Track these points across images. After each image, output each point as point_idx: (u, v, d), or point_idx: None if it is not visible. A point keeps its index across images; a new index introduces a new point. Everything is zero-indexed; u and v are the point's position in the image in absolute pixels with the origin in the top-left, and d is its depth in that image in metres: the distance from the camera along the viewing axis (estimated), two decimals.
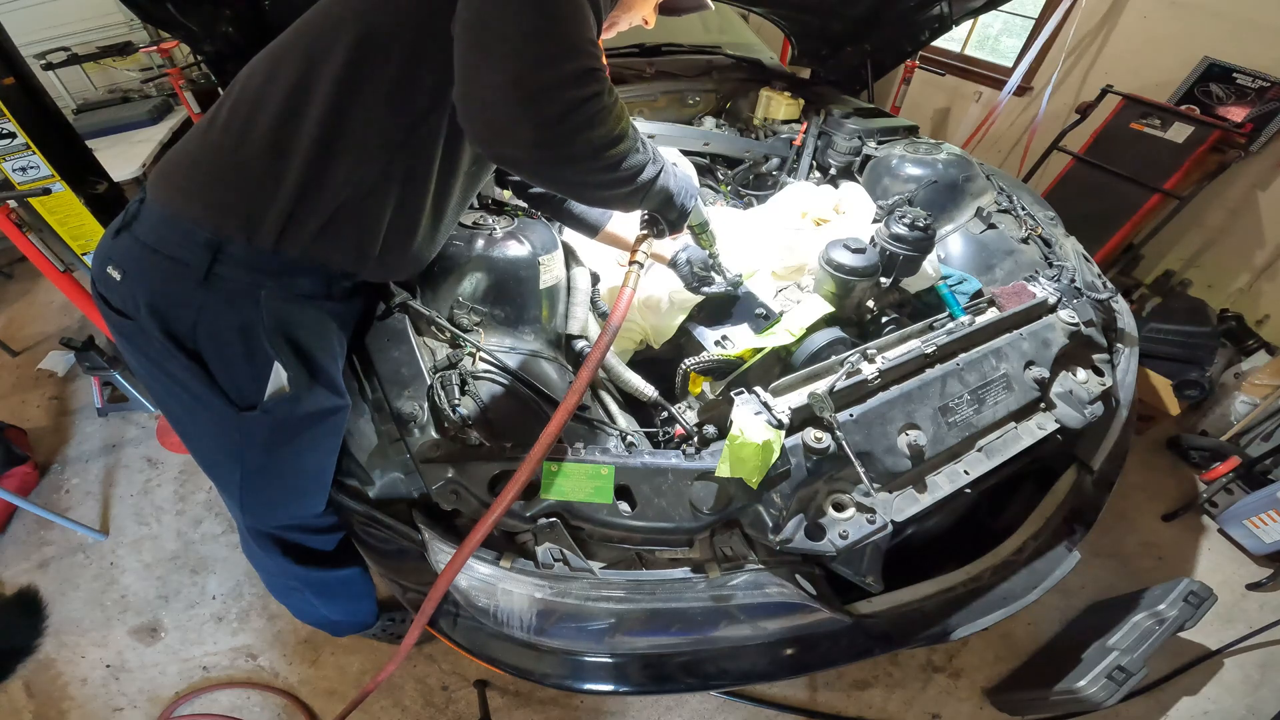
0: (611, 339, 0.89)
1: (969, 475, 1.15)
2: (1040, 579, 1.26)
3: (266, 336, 0.92)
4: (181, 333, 0.90)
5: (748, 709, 1.68)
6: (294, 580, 1.37)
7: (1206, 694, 1.77)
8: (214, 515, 2.08)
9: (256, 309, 0.90)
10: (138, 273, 0.89)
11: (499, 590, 1.02)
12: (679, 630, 1.06)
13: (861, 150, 1.94)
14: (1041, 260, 1.64)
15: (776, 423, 0.99)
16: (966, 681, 1.76)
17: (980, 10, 2.01)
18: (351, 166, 0.86)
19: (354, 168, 0.86)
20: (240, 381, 0.94)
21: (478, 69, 0.71)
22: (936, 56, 3.76)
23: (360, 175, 0.87)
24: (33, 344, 2.82)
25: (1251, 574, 2.05)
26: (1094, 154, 2.91)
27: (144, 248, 0.88)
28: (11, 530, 2.04)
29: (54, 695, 1.65)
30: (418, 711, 1.64)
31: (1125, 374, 1.48)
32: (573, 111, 0.71)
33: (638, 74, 2.02)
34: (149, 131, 3.09)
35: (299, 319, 0.96)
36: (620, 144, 0.80)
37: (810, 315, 1.32)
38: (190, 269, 0.86)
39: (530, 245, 1.23)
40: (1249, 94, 2.62)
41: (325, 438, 1.06)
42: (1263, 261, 2.81)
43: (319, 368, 0.99)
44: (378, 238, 0.94)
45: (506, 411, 1.08)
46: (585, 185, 0.84)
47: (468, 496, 1.02)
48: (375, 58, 0.81)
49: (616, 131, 0.78)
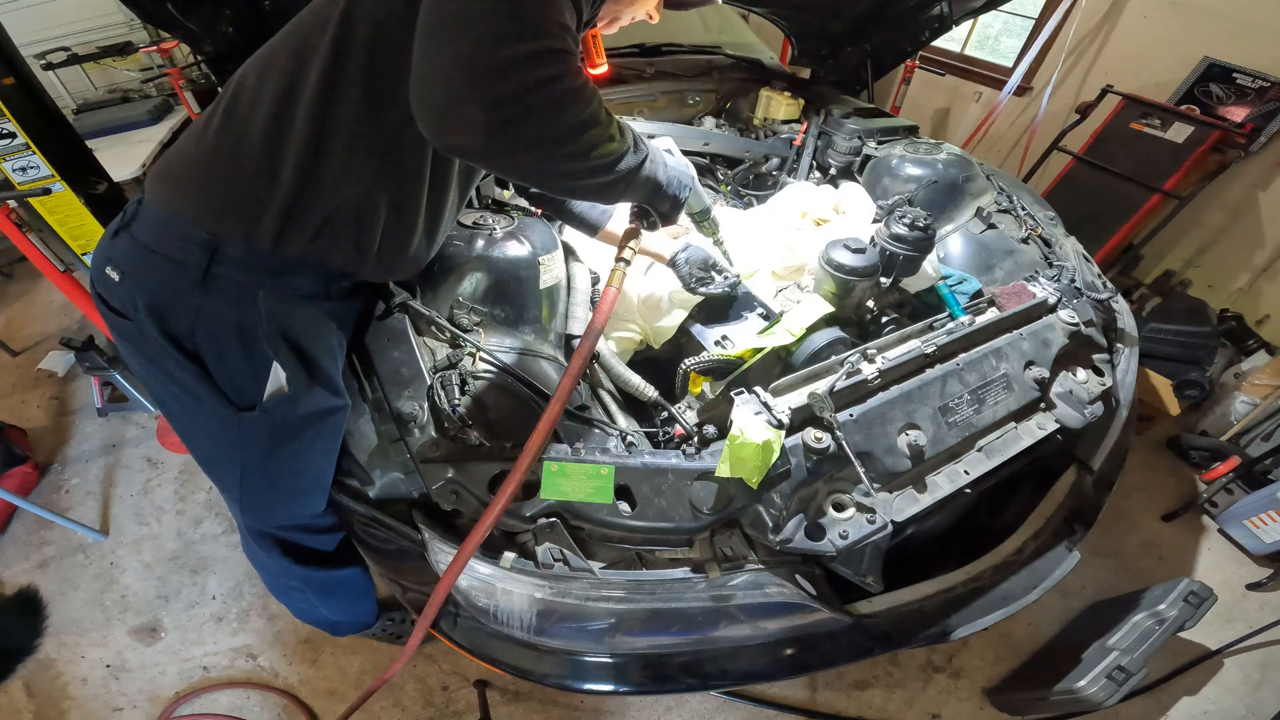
0: (594, 342, 0.88)
1: (969, 475, 1.15)
2: (1040, 579, 1.26)
3: (265, 337, 0.91)
4: (180, 333, 0.90)
5: (748, 709, 1.68)
6: (294, 580, 1.37)
7: (1206, 694, 1.77)
8: (214, 515, 2.08)
9: (255, 309, 0.90)
10: (136, 273, 0.89)
11: (499, 590, 1.02)
12: (679, 630, 1.06)
13: (861, 150, 1.94)
14: (1041, 260, 1.64)
15: (776, 423, 0.99)
16: (966, 681, 1.76)
17: (980, 10, 2.01)
18: (343, 167, 0.86)
19: (346, 168, 0.86)
20: (239, 382, 0.94)
21: (427, 51, 0.67)
22: (936, 56, 3.76)
23: (353, 176, 0.87)
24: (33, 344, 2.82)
25: (1251, 574, 2.05)
26: (1094, 154, 2.91)
27: (142, 248, 0.88)
28: (11, 530, 2.04)
29: (54, 695, 1.65)
30: (418, 711, 1.64)
31: (1125, 374, 1.48)
32: (527, 94, 0.65)
33: (638, 74, 2.02)
34: (149, 131, 3.09)
35: (298, 319, 0.95)
36: (589, 131, 0.74)
37: (810, 315, 1.32)
38: (188, 269, 0.86)
39: (530, 245, 1.23)
40: (1249, 94, 2.62)
41: (325, 438, 1.06)
42: (1263, 261, 2.81)
43: (318, 368, 0.99)
44: (375, 237, 0.94)
45: (507, 411, 1.07)
46: (551, 175, 0.78)
47: (468, 496, 1.02)
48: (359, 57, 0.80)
49: (584, 117, 0.72)
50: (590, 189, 0.85)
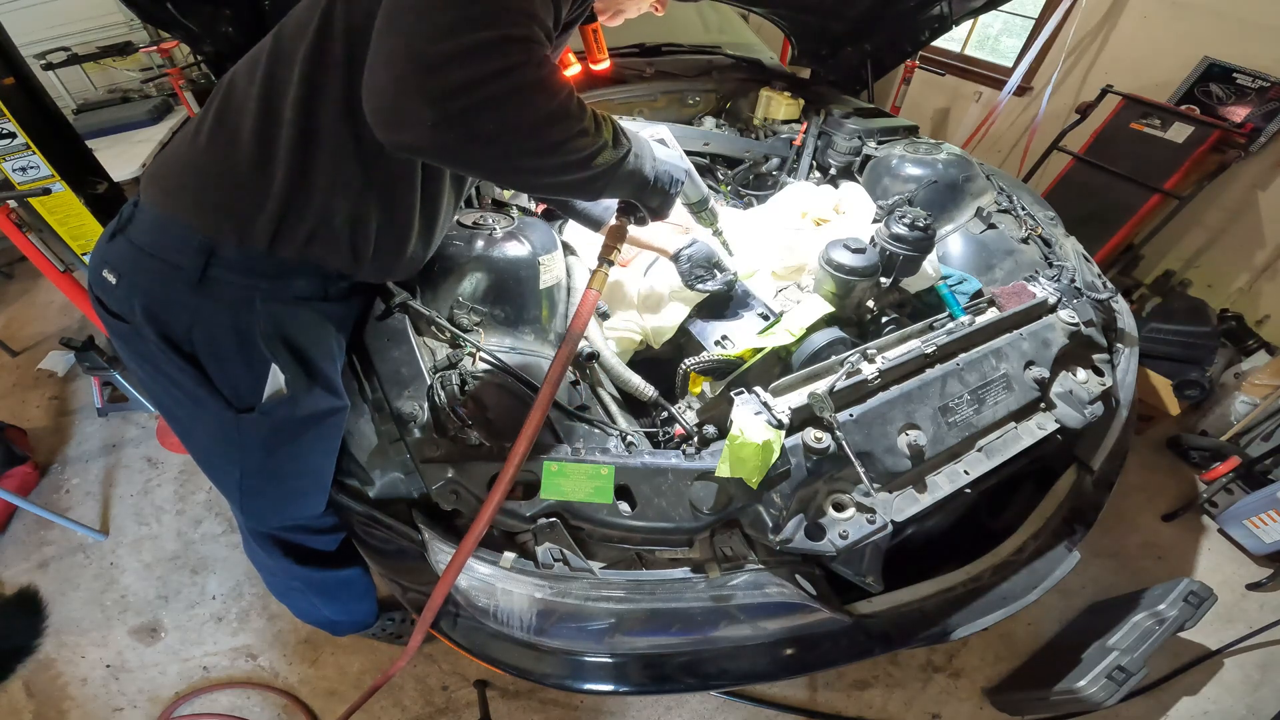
0: (574, 347, 0.87)
1: (969, 475, 1.15)
2: (1040, 579, 1.26)
3: (263, 339, 0.91)
4: (177, 336, 0.89)
5: (748, 709, 1.68)
6: (296, 581, 1.37)
7: (1206, 694, 1.77)
8: (214, 515, 2.08)
9: (252, 312, 0.90)
10: (133, 276, 0.89)
11: (499, 590, 1.02)
12: (679, 630, 1.06)
13: (861, 150, 1.94)
14: (1041, 260, 1.64)
15: (776, 423, 0.99)
16: (966, 681, 1.76)
17: (980, 10, 2.01)
18: (333, 170, 0.85)
19: (335, 171, 0.85)
20: (237, 384, 0.94)
21: (378, 43, 0.63)
22: (936, 56, 3.76)
23: (343, 179, 0.86)
24: (33, 344, 2.82)
25: (1251, 574, 2.05)
26: (1094, 154, 2.91)
27: (139, 251, 0.88)
28: (11, 530, 2.04)
29: (54, 695, 1.65)
30: (418, 711, 1.64)
31: (1125, 374, 1.48)
32: (480, 85, 0.60)
33: (638, 74, 2.02)
34: (149, 131, 3.09)
35: (295, 321, 0.95)
36: (556, 125, 0.68)
37: (810, 315, 1.32)
38: (184, 272, 0.86)
39: (530, 245, 1.23)
40: (1249, 94, 2.62)
41: (324, 439, 1.05)
42: (1263, 261, 2.81)
43: (316, 369, 0.99)
44: (370, 239, 0.93)
45: (506, 411, 1.07)
46: (515, 172, 0.73)
47: (468, 496, 1.02)
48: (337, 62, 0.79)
49: (550, 110, 0.66)
50: (564, 186, 0.81)
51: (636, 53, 2.13)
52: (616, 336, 1.45)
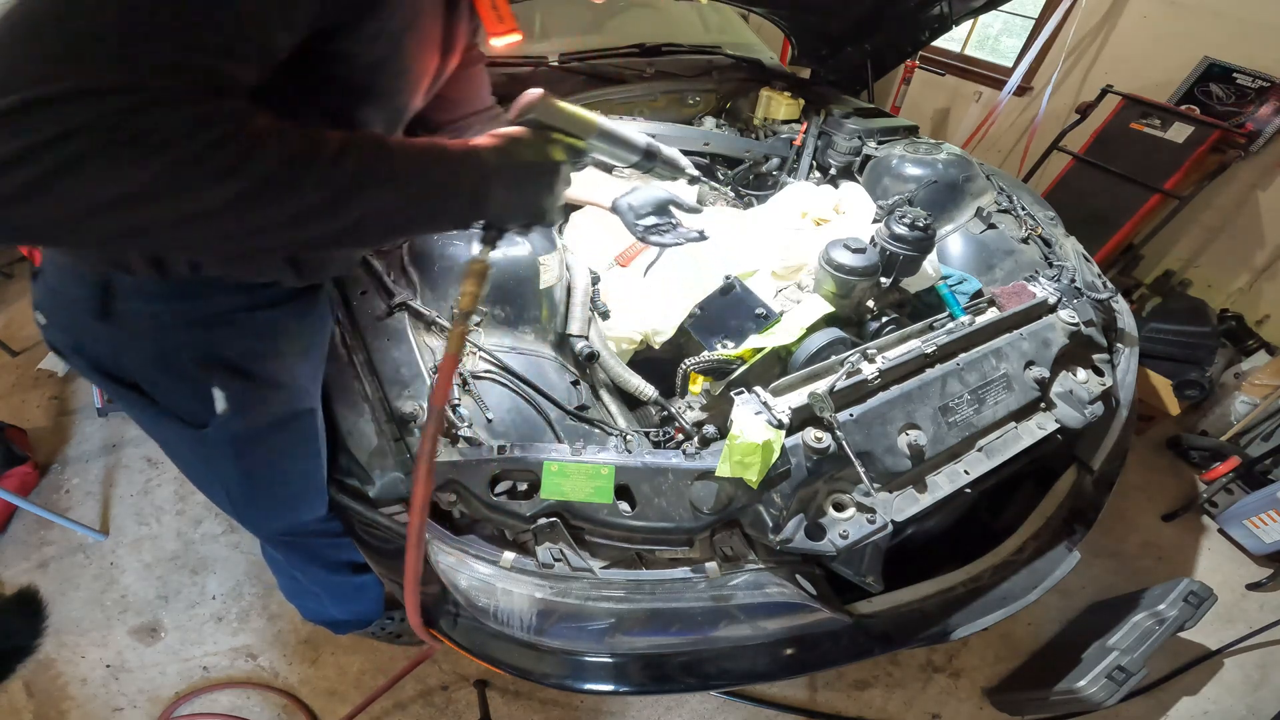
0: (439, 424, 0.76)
1: (969, 475, 1.15)
2: (1040, 579, 1.26)
3: (192, 363, 0.83)
4: (109, 366, 0.83)
5: (748, 709, 1.67)
6: (315, 586, 1.36)
7: (1206, 694, 1.77)
8: (214, 515, 2.08)
9: (174, 336, 0.80)
10: (53, 315, 0.84)
11: (499, 590, 1.02)
12: (679, 630, 1.06)
13: (861, 150, 1.94)
14: (1041, 260, 1.64)
15: (776, 423, 0.99)
16: (966, 681, 1.76)
17: (980, 10, 2.01)
18: None
19: None
20: (182, 405, 0.87)
21: None
22: (936, 56, 3.76)
23: None
24: (33, 344, 2.82)
25: (1251, 574, 2.06)
26: (1094, 154, 2.91)
27: (51, 290, 0.83)
28: (11, 530, 2.03)
29: (54, 695, 1.65)
30: (418, 711, 1.64)
31: (1125, 374, 1.49)
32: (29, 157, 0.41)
33: (638, 74, 2.02)
34: None
35: (224, 339, 0.84)
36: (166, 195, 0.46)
37: (810, 315, 1.33)
38: (92, 305, 0.77)
39: (530, 245, 1.23)
40: (1249, 94, 2.62)
41: (296, 444, 1.00)
42: (1263, 261, 2.81)
43: (266, 378, 0.90)
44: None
45: (506, 411, 1.07)
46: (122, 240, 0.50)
47: (468, 496, 1.02)
48: None
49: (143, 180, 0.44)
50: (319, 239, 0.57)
51: (636, 53, 2.13)
52: (616, 336, 1.45)
